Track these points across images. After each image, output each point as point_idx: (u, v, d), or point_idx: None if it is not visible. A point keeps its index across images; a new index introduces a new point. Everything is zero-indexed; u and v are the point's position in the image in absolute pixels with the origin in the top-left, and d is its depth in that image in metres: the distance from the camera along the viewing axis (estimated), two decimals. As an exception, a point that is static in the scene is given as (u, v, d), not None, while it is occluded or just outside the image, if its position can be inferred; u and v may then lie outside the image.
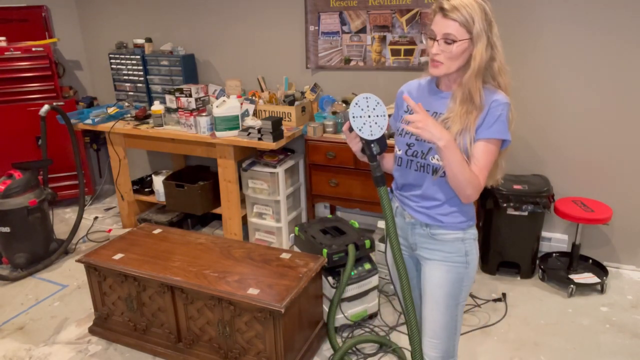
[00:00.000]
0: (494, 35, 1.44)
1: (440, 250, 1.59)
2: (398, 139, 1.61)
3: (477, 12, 1.39)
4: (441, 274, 1.60)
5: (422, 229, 1.60)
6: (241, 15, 3.74)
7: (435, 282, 1.61)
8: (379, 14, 3.29)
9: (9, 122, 3.87)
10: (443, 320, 1.62)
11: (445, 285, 1.59)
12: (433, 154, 1.50)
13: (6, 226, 3.15)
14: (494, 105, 1.44)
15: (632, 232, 3.10)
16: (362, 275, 2.54)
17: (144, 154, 4.49)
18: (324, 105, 3.49)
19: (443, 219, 1.56)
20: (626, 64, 2.85)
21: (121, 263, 2.41)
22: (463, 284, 1.60)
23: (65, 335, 2.64)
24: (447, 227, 1.56)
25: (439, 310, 1.62)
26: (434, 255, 1.60)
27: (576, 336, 2.54)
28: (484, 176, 1.45)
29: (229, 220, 3.47)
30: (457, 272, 1.58)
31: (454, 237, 1.57)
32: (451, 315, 1.62)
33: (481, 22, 1.40)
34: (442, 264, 1.59)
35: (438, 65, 1.46)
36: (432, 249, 1.60)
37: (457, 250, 1.57)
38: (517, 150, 3.21)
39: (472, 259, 1.59)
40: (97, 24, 4.35)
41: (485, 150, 1.44)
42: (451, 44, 1.42)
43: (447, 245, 1.58)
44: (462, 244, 1.57)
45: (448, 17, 1.40)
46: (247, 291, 2.12)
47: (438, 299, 1.61)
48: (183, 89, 3.29)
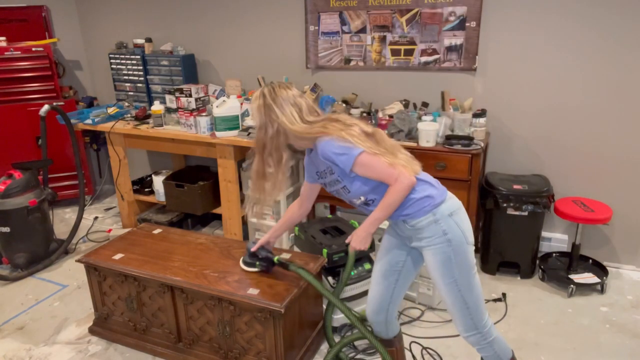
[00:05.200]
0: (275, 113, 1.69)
1: (423, 237, 1.71)
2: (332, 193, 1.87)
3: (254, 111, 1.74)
4: (430, 258, 1.71)
5: (402, 224, 1.74)
6: (241, 15, 3.74)
7: (430, 267, 1.74)
8: (379, 14, 3.29)
9: (9, 122, 3.87)
10: (449, 299, 1.73)
11: (437, 267, 1.70)
12: (352, 199, 1.77)
13: (6, 226, 3.15)
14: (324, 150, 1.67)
15: (632, 232, 3.10)
16: (362, 275, 2.54)
17: (144, 154, 4.49)
18: (324, 105, 3.49)
19: (405, 211, 1.69)
20: (626, 64, 2.85)
21: (121, 263, 2.41)
22: (452, 262, 1.68)
23: (65, 335, 2.64)
24: (415, 216, 1.68)
25: (442, 290, 1.73)
26: (421, 242, 1.72)
27: (576, 336, 2.54)
28: (391, 174, 1.63)
29: (229, 220, 3.47)
30: (442, 252, 1.68)
31: (426, 221, 1.68)
32: (454, 293, 1.70)
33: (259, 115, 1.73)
34: (428, 250, 1.71)
35: None
36: (418, 237, 1.72)
37: (435, 232, 1.67)
38: (517, 150, 3.21)
39: (453, 235, 1.67)
40: (97, 24, 4.35)
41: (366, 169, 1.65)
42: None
43: (426, 231, 1.69)
44: (436, 225, 1.67)
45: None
46: (247, 291, 2.12)
47: (437, 281, 1.73)
48: (183, 89, 3.29)
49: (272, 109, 1.69)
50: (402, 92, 3.38)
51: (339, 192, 1.80)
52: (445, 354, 2.40)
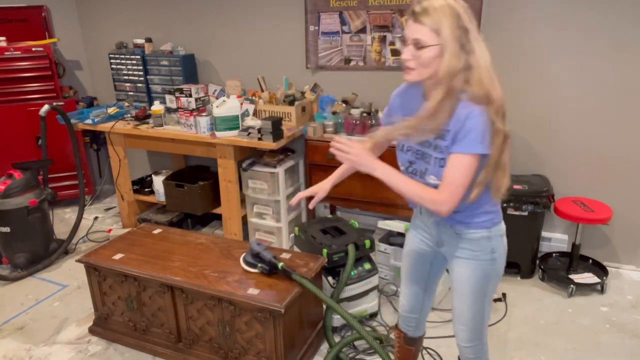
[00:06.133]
0: (472, 41, 1.36)
1: (467, 249, 1.58)
2: (399, 154, 1.60)
3: (448, 16, 1.32)
4: (468, 272, 1.60)
5: (448, 228, 1.60)
6: (241, 15, 3.74)
7: (462, 279, 1.62)
8: (379, 14, 3.29)
9: (9, 122, 3.87)
10: (470, 312, 1.65)
11: (473, 281, 1.60)
12: (429, 174, 1.49)
13: (6, 226, 3.15)
14: (470, 117, 1.36)
15: (632, 232, 3.10)
16: (362, 275, 2.54)
17: (144, 154, 4.49)
18: (324, 105, 3.49)
19: (466, 220, 1.55)
20: (626, 64, 2.85)
21: (121, 263, 2.41)
22: (490, 280, 1.61)
23: (65, 335, 2.64)
24: (472, 227, 1.55)
25: (466, 303, 1.64)
26: (461, 253, 1.60)
27: (576, 336, 2.54)
28: (453, 191, 1.39)
29: (229, 220, 3.47)
30: (483, 269, 1.58)
31: (479, 235, 1.56)
32: (478, 307, 1.64)
33: (451, 28, 1.32)
34: (469, 262, 1.59)
35: (409, 72, 1.43)
36: (459, 246, 1.60)
37: (484, 248, 1.57)
38: (517, 150, 3.21)
39: (498, 255, 1.59)
40: (97, 24, 4.35)
41: (453, 164, 1.40)
42: (422, 49, 1.36)
43: (474, 244, 1.57)
44: (488, 242, 1.56)
45: (418, 21, 1.35)
46: (247, 291, 2.12)
47: (466, 293, 1.63)
48: (183, 89, 3.29)
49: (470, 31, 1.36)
50: (402, 92, 3.37)
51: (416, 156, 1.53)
52: (445, 354, 2.40)
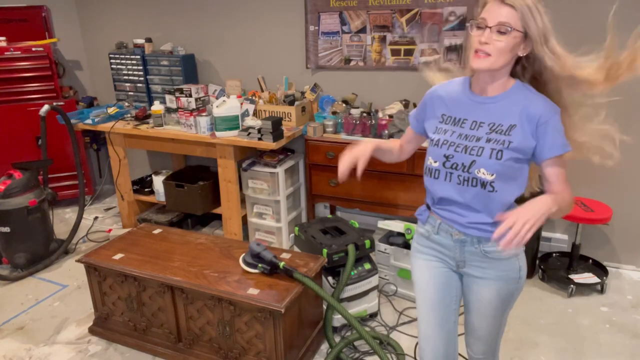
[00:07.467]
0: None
1: (494, 269, 1.45)
2: (433, 149, 1.44)
3: (538, 3, 1.28)
4: (493, 294, 1.47)
5: (474, 246, 1.45)
6: (241, 15, 3.74)
7: (485, 301, 1.50)
8: (379, 14, 3.29)
9: (9, 122, 3.87)
10: (489, 328, 1.56)
11: (497, 302, 1.49)
12: (478, 167, 1.35)
13: (6, 226, 3.15)
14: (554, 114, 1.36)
15: (632, 232, 3.10)
16: (362, 275, 2.55)
17: (144, 154, 4.49)
18: (324, 105, 3.49)
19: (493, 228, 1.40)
20: (626, 64, 2.84)
21: (121, 263, 2.41)
22: (514, 298, 1.51)
23: (65, 335, 2.64)
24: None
25: (486, 321, 1.54)
26: (486, 273, 1.47)
27: (576, 336, 2.54)
28: (568, 187, 1.41)
29: (229, 220, 3.47)
30: (508, 289, 1.47)
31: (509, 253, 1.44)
32: (497, 324, 1.56)
33: (541, 16, 1.30)
34: (494, 283, 1.46)
35: (484, 57, 1.29)
36: (484, 267, 1.46)
37: (512, 267, 1.45)
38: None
39: (524, 273, 1.48)
40: (97, 24, 4.35)
41: (558, 167, 1.40)
42: (505, 34, 1.26)
43: (502, 264, 1.44)
44: (516, 260, 1.45)
45: (506, 4, 1.26)
46: (247, 291, 2.12)
47: (487, 314, 1.52)
48: (183, 89, 3.29)
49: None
50: (402, 92, 3.37)
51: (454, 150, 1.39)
52: None
